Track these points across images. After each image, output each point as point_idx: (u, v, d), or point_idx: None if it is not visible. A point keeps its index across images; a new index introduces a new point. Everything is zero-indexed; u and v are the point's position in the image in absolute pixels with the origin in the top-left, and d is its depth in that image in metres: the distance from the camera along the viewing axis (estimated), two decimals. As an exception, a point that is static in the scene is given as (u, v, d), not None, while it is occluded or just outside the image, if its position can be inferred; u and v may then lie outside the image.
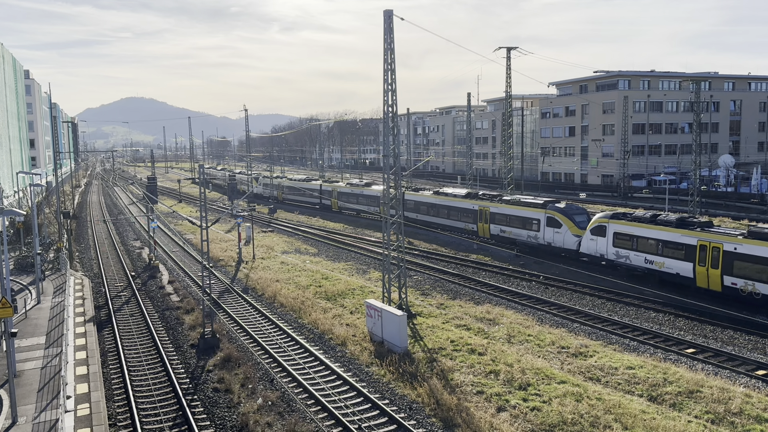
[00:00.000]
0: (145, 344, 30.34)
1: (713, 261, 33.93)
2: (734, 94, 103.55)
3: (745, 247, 32.29)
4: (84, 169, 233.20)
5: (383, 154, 33.35)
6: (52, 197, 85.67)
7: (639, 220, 39.69)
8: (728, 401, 21.64)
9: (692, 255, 35.18)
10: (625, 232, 39.71)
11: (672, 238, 36.48)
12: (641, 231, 38.65)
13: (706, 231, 35.33)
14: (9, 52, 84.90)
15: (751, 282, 32.02)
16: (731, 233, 34.38)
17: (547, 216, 46.78)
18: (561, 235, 45.48)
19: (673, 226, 37.03)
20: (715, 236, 34.20)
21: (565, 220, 45.55)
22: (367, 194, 72.51)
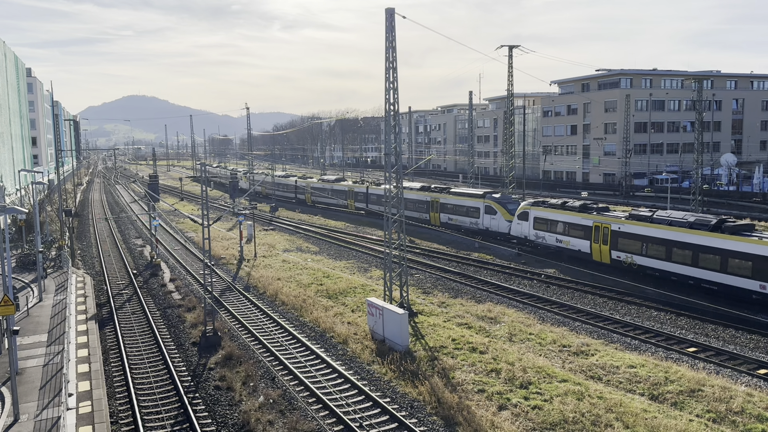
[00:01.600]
0: (147, 342, 30.38)
1: (604, 238, 41.05)
2: (736, 92, 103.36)
3: (626, 226, 39.45)
4: (86, 167, 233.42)
5: (385, 153, 33.34)
6: (54, 195, 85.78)
7: (552, 207, 46.43)
8: (730, 400, 21.63)
9: (589, 234, 42.20)
10: (542, 217, 46.68)
11: (575, 221, 43.54)
12: (554, 215, 45.64)
13: (600, 215, 42.26)
14: (11, 50, 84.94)
15: (630, 255, 39.14)
16: (618, 216, 41.21)
17: (485, 205, 54.09)
18: (496, 220, 52.73)
19: (577, 211, 44.07)
20: (606, 218, 41.16)
21: (499, 208, 52.89)
22: (336, 189, 79.01)
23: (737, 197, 75.37)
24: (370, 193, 71.84)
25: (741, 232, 33.92)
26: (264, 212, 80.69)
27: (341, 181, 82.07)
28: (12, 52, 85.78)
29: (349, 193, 77.01)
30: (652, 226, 37.97)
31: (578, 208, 44.45)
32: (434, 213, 60.26)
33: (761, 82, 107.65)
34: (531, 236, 47.72)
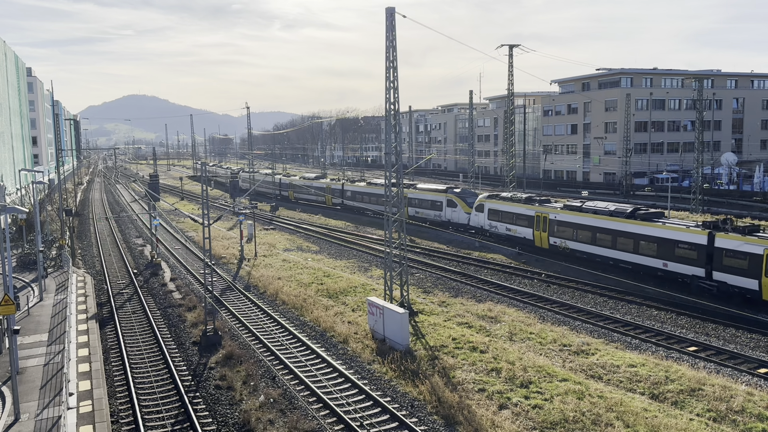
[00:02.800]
0: (148, 341, 30.39)
1: (543, 226, 46.30)
2: (737, 91, 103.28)
3: (561, 216, 44.76)
4: (86, 167, 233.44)
5: (385, 152, 33.34)
6: (55, 194, 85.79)
7: (503, 200, 51.78)
8: (730, 399, 21.64)
9: (532, 223, 47.46)
10: (494, 209, 51.97)
11: (521, 212, 48.80)
12: (503, 207, 50.88)
13: (541, 206, 47.52)
14: (11, 50, 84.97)
15: (564, 240, 44.40)
16: (555, 207, 46.54)
17: (447, 199, 59.24)
18: (457, 213, 57.97)
19: (522, 203, 49.39)
20: (545, 209, 46.48)
21: (459, 201, 57.93)
22: (315, 186, 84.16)
23: (737, 196, 75.31)
24: (345, 190, 77.20)
25: (650, 219, 39.01)
26: (264, 212, 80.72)
27: (321, 179, 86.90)
28: (12, 52, 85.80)
29: (327, 190, 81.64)
30: (580, 215, 43.15)
31: (523, 200, 50.05)
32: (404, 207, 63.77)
33: (762, 81, 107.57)
34: (486, 226, 53.16)
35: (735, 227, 34.75)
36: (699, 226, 36.18)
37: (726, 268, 33.61)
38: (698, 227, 36.01)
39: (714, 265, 34.33)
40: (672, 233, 36.64)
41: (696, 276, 35.33)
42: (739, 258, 32.93)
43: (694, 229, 35.89)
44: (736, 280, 33.09)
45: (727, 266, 33.55)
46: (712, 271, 34.44)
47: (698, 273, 35.17)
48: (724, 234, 34.07)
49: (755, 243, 32.24)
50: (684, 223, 37.68)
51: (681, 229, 36.38)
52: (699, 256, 35.12)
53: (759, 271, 31.79)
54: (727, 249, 33.50)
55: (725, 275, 33.62)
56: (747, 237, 32.97)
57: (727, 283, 33.59)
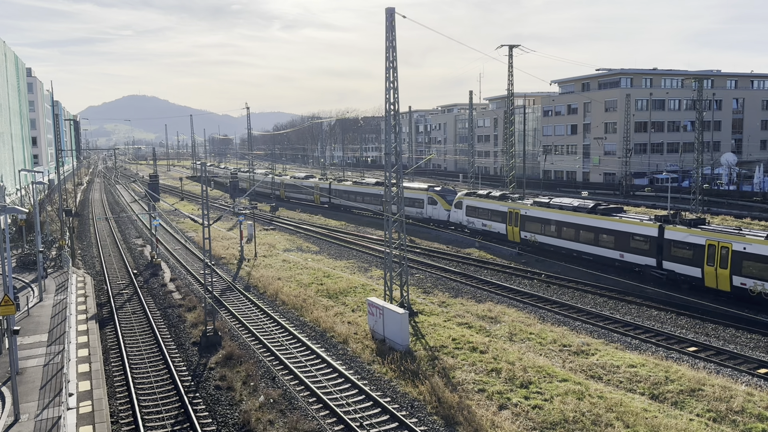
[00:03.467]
0: (147, 342, 30.39)
1: (515, 221, 49.34)
2: (737, 92, 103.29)
3: (530, 211, 47.79)
4: (86, 167, 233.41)
5: (385, 152, 33.34)
6: (55, 195, 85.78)
7: (479, 197, 55.14)
8: (730, 400, 21.64)
9: (505, 218, 50.69)
10: (472, 205, 55.18)
11: (495, 208, 52.03)
12: (480, 204, 54.12)
13: (513, 202, 50.68)
14: (11, 50, 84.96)
15: (534, 234, 47.50)
16: (525, 203, 49.46)
17: (428, 197, 62.42)
18: (437, 210, 61.10)
19: (496, 200, 52.55)
20: (517, 205, 49.55)
21: (439, 199, 61.17)
22: (304, 185, 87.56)
23: (737, 197, 75.30)
24: (333, 189, 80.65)
25: (609, 214, 41.90)
26: (264, 212, 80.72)
27: (310, 178, 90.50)
28: (12, 52, 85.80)
29: (315, 189, 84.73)
30: (548, 211, 46.22)
31: (498, 197, 53.41)
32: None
33: (761, 82, 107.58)
34: (464, 222, 56.33)
35: (682, 220, 37.44)
36: (651, 220, 38.99)
37: (674, 258, 36.46)
38: (650, 221, 38.83)
39: (664, 255, 37.10)
40: (627, 226, 39.52)
41: (649, 265, 38.08)
42: (685, 248, 35.80)
43: (646, 222, 38.73)
44: (683, 268, 35.95)
45: (675, 256, 36.38)
46: (662, 261, 37.20)
47: (650, 263, 37.95)
48: (672, 227, 36.86)
49: (698, 234, 35.12)
50: (638, 217, 40.56)
51: (635, 223, 39.22)
52: (651, 248, 37.91)
53: (701, 260, 34.69)
54: (675, 240, 36.39)
55: (673, 264, 36.48)
56: (692, 229, 35.77)
57: (675, 271, 36.44)
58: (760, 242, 32.08)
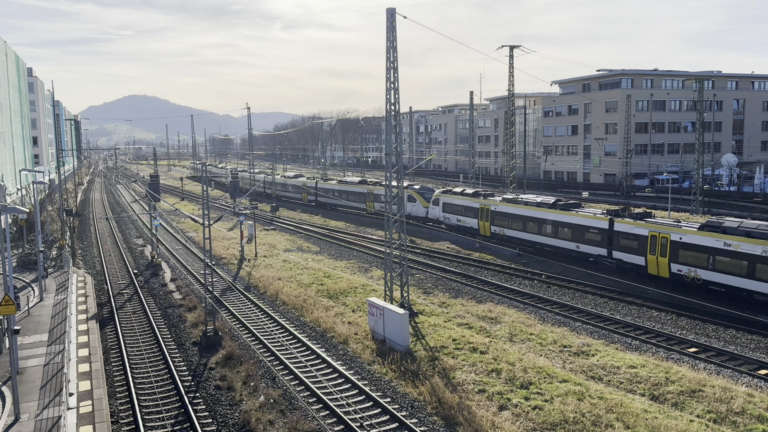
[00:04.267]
0: (148, 342, 30.39)
1: (486, 217, 52.77)
2: (737, 93, 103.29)
3: (500, 207, 51.32)
4: (87, 167, 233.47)
5: (386, 153, 33.35)
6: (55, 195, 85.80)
7: (454, 194, 58.62)
8: (730, 401, 21.62)
9: (477, 214, 54.04)
10: (448, 202, 58.50)
11: (468, 204, 55.37)
12: (455, 200, 57.45)
13: (485, 199, 53.96)
14: (12, 50, 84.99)
15: (502, 228, 50.69)
16: (496, 200, 52.80)
17: (407, 194, 64.24)
18: (416, 207, 63.94)
19: (470, 197, 55.89)
20: (488, 202, 52.94)
21: (418, 197, 64.43)
22: (293, 184, 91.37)
23: (738, 198, 75.27)
24: (319, 187, 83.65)
25: (568, 209, 45.32)
26: (265, 212, 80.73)
27: (298, 177, 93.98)
28: (13, 52, 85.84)
29: (302, 188, 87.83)
30: (515, 206, 49.67)
31: (471, 194, 56.45)
32: (369, 203, 71.64)
33: (762, 83, 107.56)
34: (441, 218, 59.56)
35: (630, 214, 41.17)
36: (603, 214, 42.44)
37: (622, 248, 39.95)
38: (603, 215, 42.29)
39: (613, 246, 40.61)
40: (583, 220, 42.96)
41: (601, 255, 41.64)
42: (631, 239, 39.22)
43: (599, 216, 42.31)
44: (629, 257, 39.47)
45: (623, 246, 39.83)
46: (612, 251, 40.75)
47: (602, 253, 41.54)
48: (621, 220, 40.28)
49: (642, 226, 38.50)
50: (592, 212, 44.32)
51: (589, 217, 42.77)
52: (602, 239, 41.38)
53: (645, 250, 38.15)
54: (623, 232, 39.84)
55: (621, 254, 39.98)
56: (637, 222, 39.19)
57: (623, 260, 39.92)
58: (693, 233, 35.43)
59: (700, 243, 34.93)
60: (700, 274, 35.00)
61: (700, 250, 34.88)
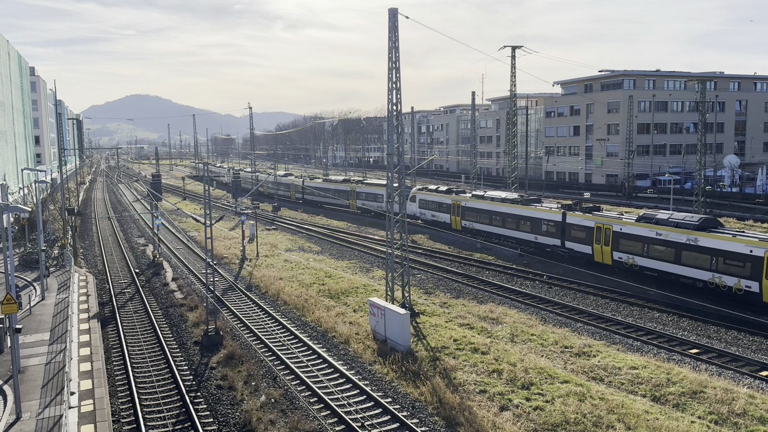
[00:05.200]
0: (149, 341, 30.42)
1: (457, 212, 56.80)
2: (740, 94, 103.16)
3: (469, 203, 55.24)
4: (89, 166, 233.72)
5: (387, 153, 33.34)
6: (57, 194, 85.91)
7: (429, 191, 63.17)
8: (732, 402, 21.60)
9: (449, 209, 57.99)
10: (423, 198, 62.84)
11: (441, 200, 59.58)
12: (430, 197, 61.89)
13: (457, 195, 58.12)
14: (15, 49, 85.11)
15: (471, 222, 54.80)
16: (466, 196, 56.72)
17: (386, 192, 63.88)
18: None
19: (443, 194, 60.10)
20: (459, 198, 57.02)
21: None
22: (282, 182, 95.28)
23: (740, 199, 75.17)
24: (305, 186, 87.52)
25: (528, 204, 49.55)
26: (266, 212, 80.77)
27: (288, 176, 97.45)
28: (16, 51, 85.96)
29: (291, 186, 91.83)
30: (482, 202, 53.76)
31: (444, 191, 60.80)
32: (352, 200, 76.17)
33: (765, 84, 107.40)
34: (417, 213, 63.40)
35: (581, 207, 45.12)
36: (558, 208, 46.47)
37: (573, 239, 43.86)
38: (557, 209, 46.24)
39: (566, 237, 44.50)
40: (540, 214, 47.04)
41: (555, 245, 45.54)
42: (580, 231, 43.12)
43: (554, 209, 46.22)
44: (579, 247, 43.31)
45: (574, 237, 43.73)
46: (565, 241, 44.65)
47: (556, 243, 45.54)
48: (572, 213, 44.23)
49: (590, 219, 42.43)
50: (548, 206, 48.12)
51: (546, 211, 46.76)
52: (557, 230, 45.36)
53: (592, 240, 42.14)
54: (573, 224, 43.78)
55: (573, 244, 43.89)
56: (586, 215, 43.11)
57: (574, 249, 43.76)
58: (631, 224, 39.48)
59: (637, 233, 38.92)
60: (637, 261, 38.93)
61: (636, 239, 38.88)
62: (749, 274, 32.20)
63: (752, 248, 32.18)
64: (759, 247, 31.83)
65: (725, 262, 33.53)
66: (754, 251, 32.04)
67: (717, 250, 33.97)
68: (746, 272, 32.36)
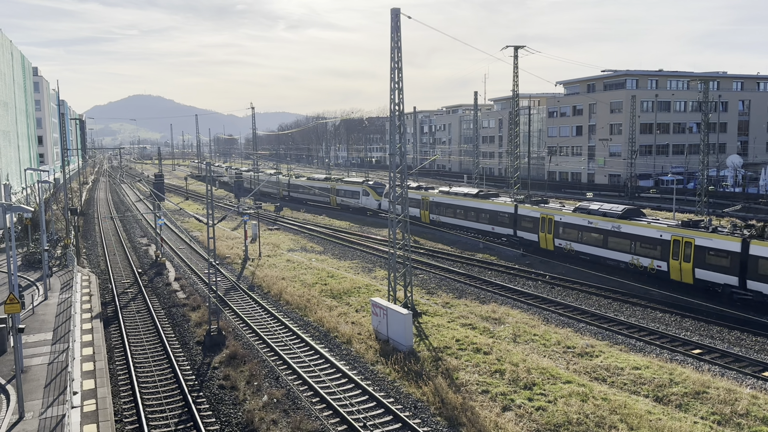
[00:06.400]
0: (152, 341, 30.45)
1: (426, 207, 61.53)
2: (743, 93, 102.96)
3: (437, 198, 60.18)
4: (91, 166, 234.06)
5: (390, 153, 33.33)
6: (60, 194, 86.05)
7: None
8: (735, 402, 21.55)
9: (419, 204, 62.26)
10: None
11: (412, 196, 62.71)
12: None
13: (426, 191, 63.02)
14: (18, 49, 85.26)
15: (438, 216, 59.67)
16: (434, 192, 62.08)
17: (362, 189, 75.08)
18: (369, 200, 73.63)
19: (413, 190, 64.06)
20: (428, 193, 61.74)
21: (371, 191, 73.68)
22: (272, 181, 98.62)
23: (743, 199, 74.98)
24: (291, 184, 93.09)
25: (487, 198, 54.72)
26: (269, 212, 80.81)
27: (278, 175, 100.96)
28: (18, 51, 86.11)
29: (278, 184, 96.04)
30: (448, 197, 58.86)
31: (414, 187, 65.37)
32: (333, 196, 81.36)
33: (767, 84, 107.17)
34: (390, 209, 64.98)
35: (530, 200, 50.66)
36: (512, 201, 51.49)
37: (523, 228, 49.11)
38: (511, 202, 51.45)
39: (517, 226, 49.80)
40: (497, 206, 52.23)
41: (509, 235, 50.78)
42: (529, 221, 48.41)
43: (508, 203, 51.44)
44: (528, 235, 48.58)
45: (523, 227, 49.05)
46: (516, 230, 49.88)
47: (510, 233, 50.66)
48: (522, 205, 49.51)
49: (536, 210, 47.77)
50: (504, 200, 53.04)
51: (502, 204, 51.88)
52: (510, 221, 50.51)
53: (537, 229, 47.32)
54: (523, 215, 49.06)
55: (523, 233, 49.15)
56: (533, 207, 48.39)
57: (524, 238, 48.97)
58: (568, 214, 44.63)
59: (573, 222, 44.00)
60: (573, 247, 43.96)
61: (573, 228, 44.02)
62: (660, 256, 37.55)
63: (662, 233, 37.48)
64: (667, 232, 37.16)
65: (641, 246, 38.78)
66: (663, 236, 37.35)
67: (635, 235, 39.25)
68: (657, 254, 37.69)
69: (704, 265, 34.86)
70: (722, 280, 34.02)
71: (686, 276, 35.96)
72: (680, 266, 36.16)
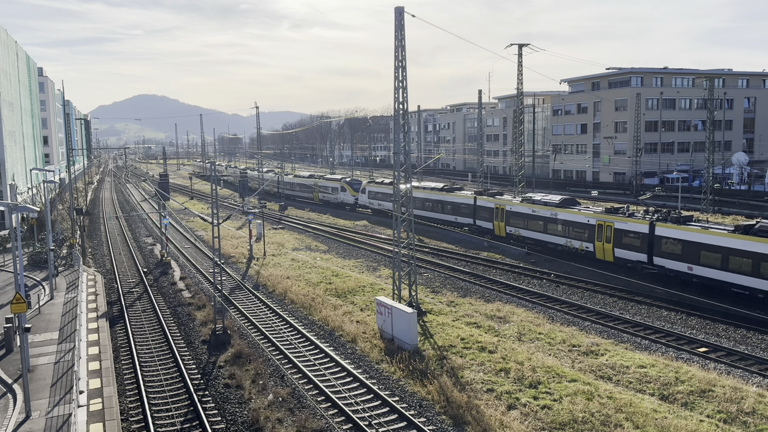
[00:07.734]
0: (157, 340, 30.54)
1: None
2: (748, 91, 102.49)
3: (417, 192, 63.19)
4: (96, 166, 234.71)
5: (394, 152, 33.33)
6: (65, 194, 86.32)
7: (376, 183, 73.33)
8: (741, 401, 21.49)
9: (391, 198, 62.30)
10: (372, 190, 72.77)
11: (386, 191, 67.89)
12: (377, 188, 71.60)
13: None
14: (23, 50, 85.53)
15: (421, 211, 62.17)
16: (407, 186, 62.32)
17: (340, 186, 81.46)
18: (346, 195, 79.40)
19: (386, 185, 68.31)
20: None
21: (348, 187, 79.38)
22: (265, 179, 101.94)
23: (749, 196, 74.65)
24: (281, 181, 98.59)
25: (452, 191, 60.92)
26: (273, 211, 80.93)
27: (270, 173, 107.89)
28: (24, 52, 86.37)
29: (271, 182, 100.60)
30: (423, 192, 63.51)
31: (387, 183, 68.70)
32: (315, 193, 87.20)
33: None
34: (367, 203, 73.60)
35: (488, 193, 56.91)
36: (471, 194, 57.48)
37: (481, 218, 55.32)
38: (471, 194, 57.51)
39: (476, 217, 55.88)
40: (459, 199, 58.21)
41: (469, 224, 56.80)
42: (486, 211, 54.52)
43: (468, 195, 57.57)
44: (485, 224, 54.66)
45: (480, 216, 55.27)
46: (476, 220, 55.96)
47: (469, 222, 56.83)
48: (480, 197, 55.69)
49: (491, 201, 53.90)
50: (466, 193, 59.33)
51: (464, 196, 57.96)
52: (469, 212, 56.75)
53: (492, 218, 53.55)
54: (480, 206, 55.33)
55: (481, 222, 55.33)
56: (489, 198, 54.57)
57: (482, 227, 55.07)
58: (516, 204, 50.83)
59: (520, 211, 49.97)
60: (521, 233, 49.90)
61: (520, 216, 49.99)
62: (587, 238, 43.39)
63: (589, 219, 43.24)
64: (594, 218, 42.92)
65: (573, 230, 44.62)
66: (590, 221, 43.11)
67: (569, 221, 45.08)
68: (586, 237, 43.51)
69: (621, 245, 40.71)
70: (635, 257, 39.74)
71: (608, 255, 41.72)
72: (603, 247, 42.03)
